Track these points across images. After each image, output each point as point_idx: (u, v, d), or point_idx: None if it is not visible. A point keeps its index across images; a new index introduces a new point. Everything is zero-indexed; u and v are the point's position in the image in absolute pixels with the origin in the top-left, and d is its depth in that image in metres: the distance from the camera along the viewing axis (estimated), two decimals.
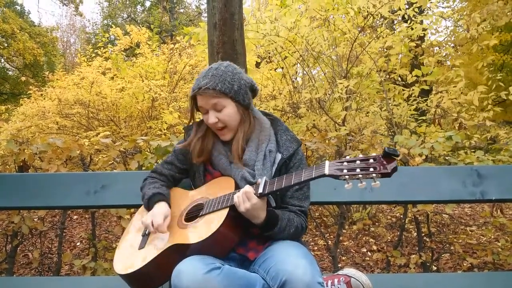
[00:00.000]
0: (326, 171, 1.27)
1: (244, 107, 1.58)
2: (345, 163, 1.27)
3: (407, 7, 4.79)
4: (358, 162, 1.25)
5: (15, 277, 2.72)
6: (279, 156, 1.56)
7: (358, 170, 1.23)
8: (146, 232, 1.57)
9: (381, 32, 4.99)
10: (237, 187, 1.49)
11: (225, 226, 1.38)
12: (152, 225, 1.48)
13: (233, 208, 1.41)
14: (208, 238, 1.36)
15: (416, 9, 4.75)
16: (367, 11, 4.65)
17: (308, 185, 1.59)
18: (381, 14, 4.69)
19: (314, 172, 1.31)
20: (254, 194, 1.36)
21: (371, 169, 1.21)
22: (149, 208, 1.59)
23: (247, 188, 1.38)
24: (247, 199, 1.36)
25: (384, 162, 1.21)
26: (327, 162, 1.30)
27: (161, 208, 1.55)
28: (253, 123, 1.60)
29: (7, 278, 2.47)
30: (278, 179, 1.39)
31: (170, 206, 1.59)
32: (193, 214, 1.53)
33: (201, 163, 1.62)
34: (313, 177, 1.31)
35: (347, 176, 1.24)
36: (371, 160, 1.24)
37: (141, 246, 1.53)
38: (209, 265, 1.28)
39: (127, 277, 1.48)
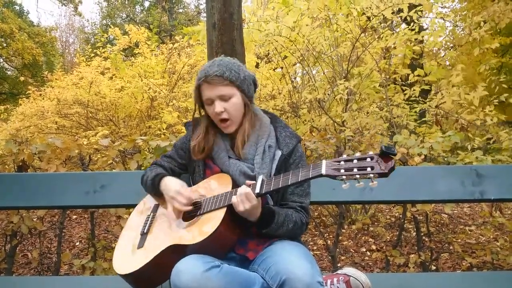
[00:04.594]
0: (323, 171, 1.26)
1: (248, 99, 1.57)
2: (342, 163, 1.25)
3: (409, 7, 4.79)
4: (355, 161, 1.23)
5: (14, 277, 2.72)
6: (279, 153, 1.55)
7: (355, 170, 1.21)
8: (145, 231, 1.57)
9: (383, 32, 4.98)
10: (235, 184, 1.48)
11: (223, 226, 1.38)
12: (180, 205, 1.48)
13: (230, 208, 1.40)
14: (206, 239, 1.36)
15: (420, 12, 4.75)
16: (371, 12, 4.64)
17: (309, 181, 1.58)
18: (384, 16, 4.68)
19: (311, 172, 1.30)
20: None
21: (369, 169, 1.20)
22: (155, 186, 1.58)
23: (246, 189, 1.36)
24: (247, 201, 1.35)
25: (382, 161, 1.19)
26: (324, 162, 1.29)
27: (171, 185, 1.53)
28: (254, 118, 1.60)
29: (6, 277, 2.47)
30: (275, 178, 1.38)
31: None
32: (191, 213, 1.52)
33: (201, 159, 1.62)
34: (310, 177, 1.29)
35: (344, 177, 1.22)
36: (368, 160, 1.22)
37: (140, 245, 1.52)
38: (208, 264, 1.28)
39: (126, 277, 1.48)
